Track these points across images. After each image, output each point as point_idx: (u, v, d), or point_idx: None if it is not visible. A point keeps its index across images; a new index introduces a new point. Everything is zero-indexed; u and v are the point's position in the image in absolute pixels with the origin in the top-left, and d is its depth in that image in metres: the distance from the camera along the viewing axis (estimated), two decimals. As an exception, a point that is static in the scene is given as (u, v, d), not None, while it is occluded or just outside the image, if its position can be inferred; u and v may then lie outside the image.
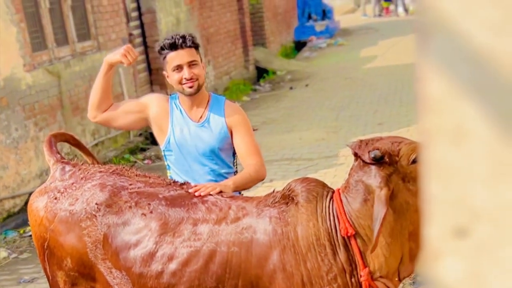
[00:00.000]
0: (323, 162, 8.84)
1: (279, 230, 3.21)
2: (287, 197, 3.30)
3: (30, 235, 6.87)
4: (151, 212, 3.43)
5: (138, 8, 12.71)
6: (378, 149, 3.03)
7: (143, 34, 12.84)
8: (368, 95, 13.58)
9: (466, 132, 0.97)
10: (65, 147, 8.48)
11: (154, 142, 11.41)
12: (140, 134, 11.60)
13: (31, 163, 8.69)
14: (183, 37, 3.85)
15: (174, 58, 3.85)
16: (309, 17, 23.48)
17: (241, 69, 16.76)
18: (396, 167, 3.01)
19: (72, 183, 3.70)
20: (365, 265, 3.11)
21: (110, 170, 3.76)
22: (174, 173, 4.06)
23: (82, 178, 3.71)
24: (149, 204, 3.46)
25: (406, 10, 30.43)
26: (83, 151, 4.33)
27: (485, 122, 0.95)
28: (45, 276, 3.83)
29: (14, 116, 8.51)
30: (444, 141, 0.98)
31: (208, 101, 3.99)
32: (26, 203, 8.43)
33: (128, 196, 3.52)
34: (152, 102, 4.07)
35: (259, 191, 8.24)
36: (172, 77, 3.90)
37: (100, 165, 3.94)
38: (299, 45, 21.76)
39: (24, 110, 8.73)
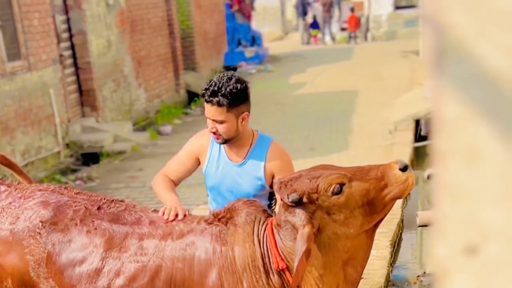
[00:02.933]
0: (256, 186, 8.85)
1: (218, 249, 3.24)
2: (227, 217, 3.33)
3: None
4: (95, 228, 3.39)
5: (69, 29, 12.56)
6: (295, 191, 3.08)
7: (73, 55, 12.69)
8: (298, 120, 13.69)
9: (478, 153, 0.99)
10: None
11: (85, 163, 11.27)
12: (71, 155, 11.42)
13: (-41, 183, 8.44)
14: (214, 92, 3.51)
15: (205, 106, 3.61)
16: (239, 43, 23.61)
17: (172, 93, 16.72)
18: (318, 204, 3.07)
19: (10, 203, 3.61)
20: None
21: (50, 189, 3.70)
22: (212, 200, 3.92)
23: (20, 197, 3.62)
24: (93, 221, 3.42)
25: (333, 38, 30.94)
26: (15, 170, 4.22)
27: (497, 144, 0.97)
28: None
29: None
30: (456, 161, 1.00)
31: (252, 143, 3.72)
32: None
33: (73, 213, 3.47)
34: (194, 145, 3.85)
35: (195, 213, 8.21)
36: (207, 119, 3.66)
37: (37, 184, 3.86)
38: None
39: (-47, 129, 8.51)
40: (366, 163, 9.81)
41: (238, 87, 3.54)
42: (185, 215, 3.45)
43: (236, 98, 3.52)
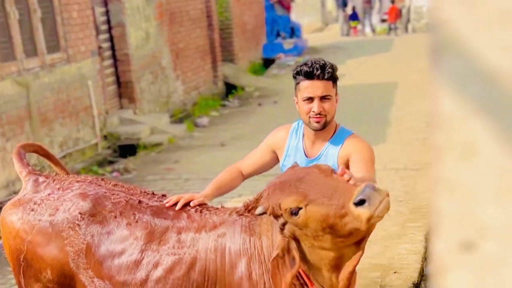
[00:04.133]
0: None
1: (247, 239, 3.27)
2: (255, 207, 3.35)
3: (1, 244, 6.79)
4: (136, 221, 3.44)
5: (108, 22, 12.67)
6: (263, 204, 3.11)
7: (112, 47, 12.80)
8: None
9: (475, 149, 0.99)
10: (33, 158, 8.39)
11: (122, 154, 11.38)
12: (109, 147, 11.54)
13: (-3, 173, 8.60)
14: (323, 67, 3.46)
15: (307, 87, 3.49)
16: (278, 35, 23.58)
17: (210, 85, 16.78)
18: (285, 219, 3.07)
19: (49, 194, 3.66)
20: (312, 283, 3.17)
21: (88, 180, 3.75)
22: None
23: (59, 188, 3.68)
24: (134, 214, 3.48)
25: (373, 30, 30.76)
26: (52, 161, 4.24)
27: (493, 140, 0.97)
28: None
29: (-18, 126, 8.43)
30: (453, 157, 1.00)
31: (332, 135, 3.62)
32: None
33: (112, 205, 3.53)
34: (272, 139, 3.83)
35: (229, 205, 8.24)
36: (301, 107, 3.55)
37: (75, 176, 3.91)
38: (267, 62, 21.82)
39: (-8, 120, 8.65)
40: (403, 156, 9.78)
41: (334, 66, 3.56)
42: (189, 204, 3.48)
43: (335, 75, 3.54)
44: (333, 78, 3.50)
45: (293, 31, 24.01)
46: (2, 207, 8.10)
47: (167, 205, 3.52)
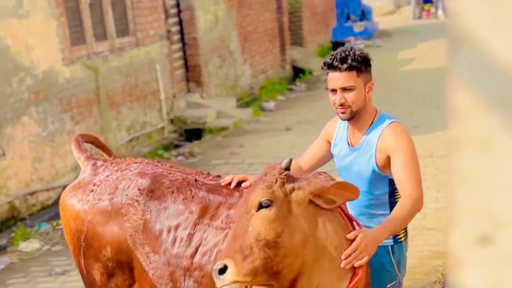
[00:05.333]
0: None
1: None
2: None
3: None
4: (192, 196, 3.53)
5: (177, 5, 12.78)
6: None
7: (181, 31, 12.91)
8: (404, 97, 13.50)
9: (493, 142, 0.98)
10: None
11: (188, 138, 11.50)
12: (175, 131, 11.67)
13: (66, 156, 8.79)
14: (344, 58, 3.43)
15: (330, 79, 3.48)
16: (348, 18, 23.39)
17: (277, 68, 16.78)
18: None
19: (107, 175, 3.79)
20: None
21: (145, 161, 3.88)
22: None
23: (117, 170, 3.81)
24: (191, 189, 3.56)
25: (446, 13, 30.18)
26: (107, 154, 4.35)
27: (510, 133, 0.96)
28: (79, 270, 3.88)
29: (51, 109, 8.62)
30: (470, 150, 0.99)
31: (371, 124, 3.55)
32: (60, 196, 8.55)
33: (169, 182, 3.62)
34: (326, 129, 3.82)
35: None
36: (329, 97, 3.55)
37: (132, 158, 4.04)
38: (336, 46, 21.49)
39: (61, 103, 8.84)
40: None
41: (365, 53, 3.51)
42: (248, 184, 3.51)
43: (364, 62, 3.46)
44: (357, 68, 3.42)
45: (364, 14, 23.78)
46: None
47: (222, 183, 3.57)
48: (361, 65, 3.43)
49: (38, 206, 8.27)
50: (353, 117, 3.49)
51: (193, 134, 11.65)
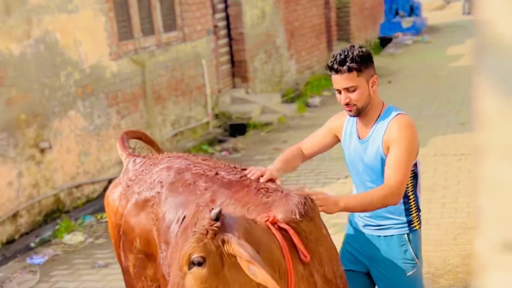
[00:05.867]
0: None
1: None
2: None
3: (107, 221, 7.09)
4: (206, 189, 3.59)
5: (225, 0, 12.83)
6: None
7: (228, 26, 12.96)
8: (452, 94, 13.37)
9: (518, 148, 0.97)
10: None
11: (232, 134, 11.54)
12: (219, 126, 11.73)
13: (111, 150, 8.90)
14: (343, 61, 3.52)
15: (333, 80, 3.61)
16: (396, 13, 23.22)
17: (323, 64, 16.64)
18: None
19: (142, 170, 3.98)
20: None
21: (177, 156, 4.02)
22: (352, 176, 3.98)
23: (151, 164, 3.99)
24: (206, 183, 3.63)
25: (471, 9, 29.73)
26: (155, 149, 4.55)
27: (537, 140, 0.96)
28: (119, 263, 4.08)
29: (98, 104, 8.74)
30: (496, 157, 0.99)
31: (378, 116, 3.67)
32: (105, 189, 8.66)
33: (190, 176, 3.72)
34: (333, 123, 3.94)
35: (334, 187, 8.26)
36: (336, 96, 3.68)
37: (167, 153, 4.19)
38: (384, 41, 21.55)
39: (108, 98, 8.95)
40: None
41: (364, 50, 3.58)
42: (272, 180, 3.53)
43: (364, 60, 3.54)
44: (356, 68, 3.51)
45: (412, 10, 23.59)
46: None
47: (248, 176, 3.60)
48: (359, 64, 3.52)
49: (83, 199, 8.40)
50: (360, 113, 3.62)
51: (237, 129, 11.71)
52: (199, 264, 2.74)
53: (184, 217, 3.53)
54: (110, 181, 8.66)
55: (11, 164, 7.35)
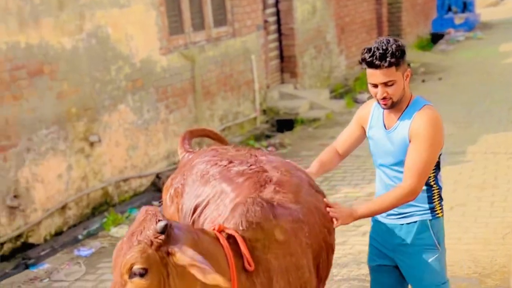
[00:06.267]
0: (449, 158, 8.57)
1: None
2: None
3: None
4: (215, 179, 3.70)
5: (276, -5, 12.86)
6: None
7: (278, 22, 12.98)
8: (504, 91, 13.19)
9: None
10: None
11: (279, 129, 11.57)
12: (267, 122, 11.76)
13: (159, 144, 9.02)
14: (383, 55, 3.50)
15: (370, 74, 3.59)
16: (449, 9, 22.96)
17: (374, 60, 16.61)
18: None
19: (185, 165, 4.14)
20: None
21: (215, 149, 4.11)
22: (375, 166, 3.98)
23: (190, 158, 4.17)
24: (218, 177, 3.71)
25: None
26: (222, 143, 4.66)
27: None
28: None
29: (147, 98, 8.85)
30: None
31: (406, 107, 3.68)
32: (152, 183, 8.79)
33: (209, 168, 3.81)
34: (358, 114, 3.96)
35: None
36: (369, 88, 3.67)
37: (213, 146, 4.29)
38: (435, 38, 21.33)
39: (157, 92, 9.06)
40: None
41: (401, 44, 3.58)
42: None
43: (402, 55, 3.55)
44: (396, 63, 3.51)
45: (465, 6, 23.33)
46: (161, 177, 8.54)
47: None
48: (399, 59, 3.51)
49: (130, 192, 8.51)
50: (394, 106, 3.62)
51: (285, 125, 11.71)
52: (141, 275, 2.71)
53: (196, 207, 3.67)
54: (157, 176, 8.80)
55: (61, 157, 7.50)
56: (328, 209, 3.52)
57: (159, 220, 2.77)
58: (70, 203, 7.61)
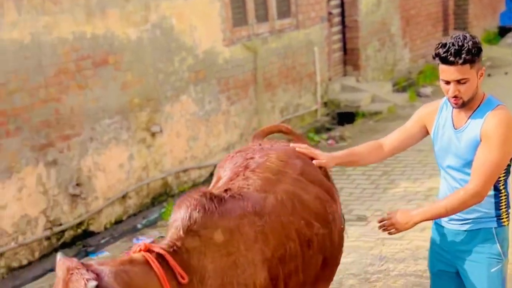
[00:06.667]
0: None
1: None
2: None
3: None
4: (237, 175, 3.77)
5: (340, -13, 12.80)
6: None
7: (342, 14, 12.92)
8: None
9: None
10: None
11: (340, 122, 11.53)
12: (328, 114, 11.74)
13: (220, 136, 9.10)
14: (458, 52, 3.39)
15: (443, 70, 3.47)
16: (518, 2, 22.46)
17: (439, 53, 16.40)
18: None
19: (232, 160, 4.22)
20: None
21: (255, 145, 4.14)
22: (439, 166, 3.87)
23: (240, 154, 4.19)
24: (238, 167, 3.81)
25: None
26: (296, 138, 4.64)
27: None
28: None
29: (209, 89, 8.93)
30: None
31: (477, 107, 3.55)
32: (211, 174, 8.85)
33: (235, 162, 3.89)
34: (422, 113, 3.87)
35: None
36: (441, 85, 3.58)
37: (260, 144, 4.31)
38: (503, 31, 20.91)
39: (219, 83, 9.13)
40: None
41: (477, 41, 3.45)
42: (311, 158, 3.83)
43: (478, 52, 3.42)
44: (471, 60, 3.37)
45: (535, -1, 22.75)
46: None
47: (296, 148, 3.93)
48: (474, 57, 3.39)
49: (189, 183, 8.60)
50: (465, 105, 3.49)
51: (346, 117, 11.69)
52: None
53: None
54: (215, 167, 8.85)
55: (123, 147, 7.64)
56: (379, 218, 3.55)
57: (87, 280, 2.69)
58: (130, 192, 7.76)
